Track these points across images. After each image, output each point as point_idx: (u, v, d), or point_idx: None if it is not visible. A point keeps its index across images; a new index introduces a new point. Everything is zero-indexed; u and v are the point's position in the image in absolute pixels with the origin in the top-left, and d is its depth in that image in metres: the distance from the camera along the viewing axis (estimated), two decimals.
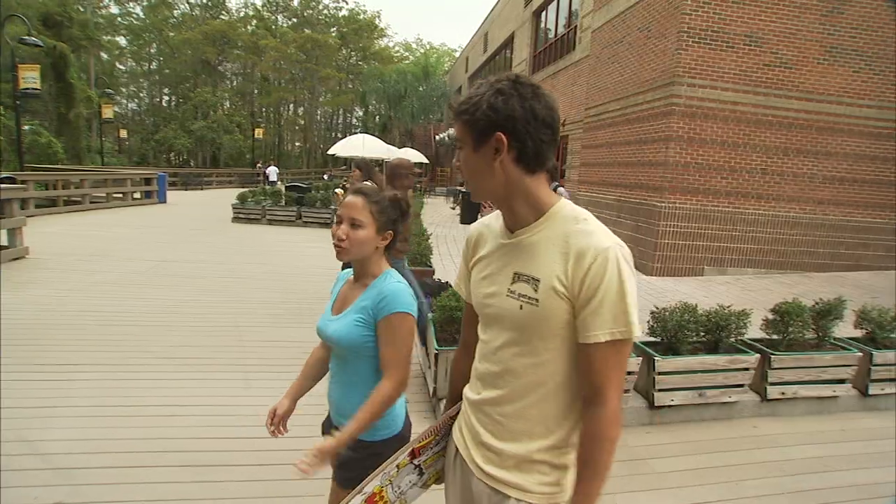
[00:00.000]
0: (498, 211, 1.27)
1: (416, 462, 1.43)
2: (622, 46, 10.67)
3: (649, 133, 9.37)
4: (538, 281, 1.13)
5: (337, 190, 5.82)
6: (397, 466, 1.39)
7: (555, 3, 17.24)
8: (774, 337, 3.95)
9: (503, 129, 1.10)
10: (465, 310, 1.43)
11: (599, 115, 11.71)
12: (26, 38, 14.27)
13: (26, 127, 21.12)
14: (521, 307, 1.15)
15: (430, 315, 4.44)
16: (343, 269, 1.77)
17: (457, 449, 1.36)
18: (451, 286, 5.68)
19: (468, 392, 1.33)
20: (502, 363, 1.21)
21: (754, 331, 4.05)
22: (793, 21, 8.59)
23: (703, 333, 3.73)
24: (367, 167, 5.48)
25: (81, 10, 37.15)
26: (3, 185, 8.65)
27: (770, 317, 3.96)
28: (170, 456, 2.91)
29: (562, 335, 1.13)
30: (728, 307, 3.79)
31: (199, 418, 3.33)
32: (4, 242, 7.54)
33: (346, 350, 1.62)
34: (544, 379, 1.17)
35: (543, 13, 18.59)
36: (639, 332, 1.10)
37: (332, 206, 13.07)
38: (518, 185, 1.15)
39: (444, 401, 1.53)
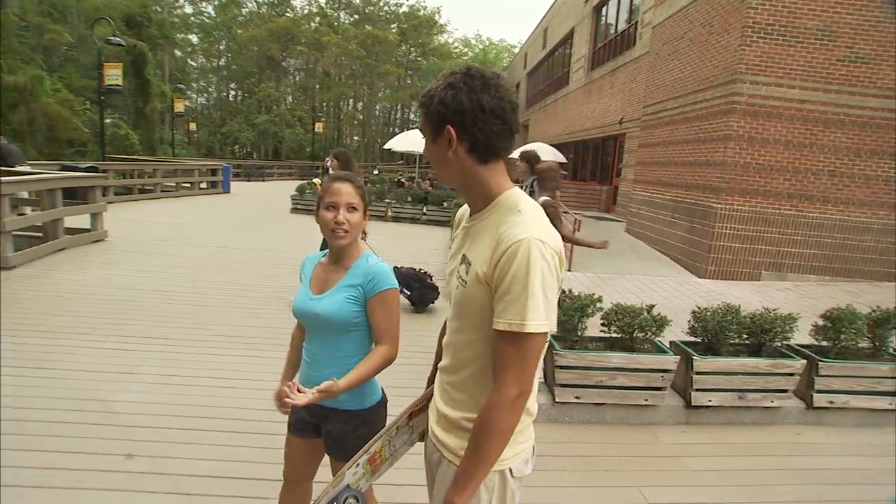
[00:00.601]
0: None
1: (410, 423, 1.57)
2: (683, 42, 10.37)
3: (708, 132, 9.09)
4: (470, 264, 1.20)
5: (315, 180, 6.09)
6: (397, 428, 1.54)
7: None
8: (824, 343, 3.83)
9: (452, 123, 1.15)
10: None
11: (657, 113, 11.43)
12: (112, 38, 15.39)
13: (108, 120, 22.71)
14: (457, 287, 1.25)
15: None
16: (322, 248, 1.85)
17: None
18: (428, 278, 5.81)
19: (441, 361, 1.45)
20: (449, 336, 1.33)
21: (805, 338, 3.94)
22: (872, 13, 8.09)
23: (745, 336, 3.66)
24: (345, 156, 5.68)
25: (159, 10, 39.45)
26: (87, 174, 9.42)
27: (820, 323, 3.84)
28: (223, 422, 3.18)
29: (487, 319, 1.16)
30: (774, 310, 3.70)
31: (252, 391, 3.59)
32: (87, 226, 8.22)
33: (334, 326, 1.69)
34: (474, 357, 1.24)
35: (604, 8, 18.23)
36: (540, 330, 1.09)
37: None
38: (472, 174, 1.21)
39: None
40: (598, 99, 17.66)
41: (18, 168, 9.58)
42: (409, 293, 5.63)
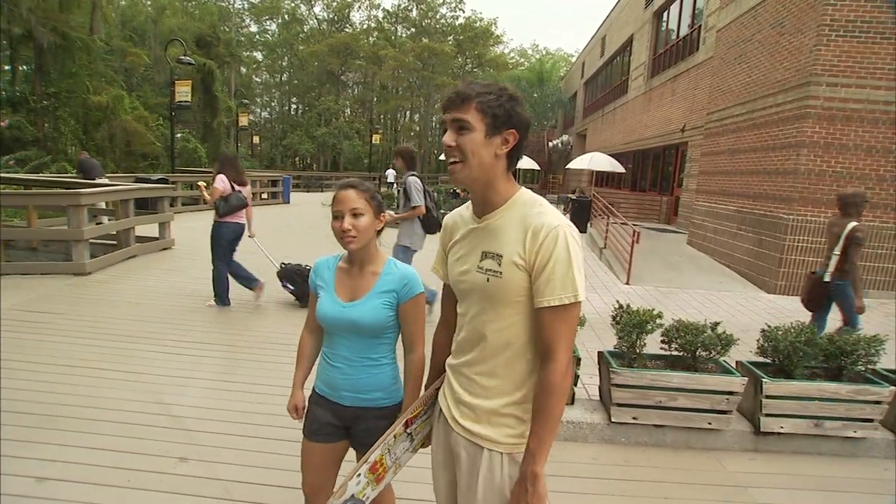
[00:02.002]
0: (469, 203, 1.47)
1: (408, 430, 1.62)
2: (751, 45, 9.87)
3: (778, 139, 8.57)
4: (501, 256, 1.32)
5: (199, 183, 6.12)
6: (394, 437, 1.58)
7: (677, 2, 16.33)
8: None
9: (517, 129, 1.31)
10: (445, 289, 1.60)
11: (722, 119, 10.91)
12: (182, 57, 16.32)
13: (178, 135, 24.08)
14: (487, 279, 1.33)
15: None
16: (338, 251, 1.83)
17: (441, 411, 1.53)
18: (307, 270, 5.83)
19: (450, 360, 1.51)
20: (476, 330, 1.39)
21: (892, 362, 3.59)
22: None
23: (822, 358, 3.36)
24: (223, 159, 5.75)
25: (227, 30, 41.64)
26: (156, 185, 9.96)
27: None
28: (274, 430, 3.21)
29: (522, 301, 1.32)
30: (857, 331, 3.38)
31: None
32: (156, 235, 8.68)
33: (370, 332, 1.73)
34: (510, 340, 1.35)
35: (665, 14, 17.69)
36: (583, 298, 1.28)
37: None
38: (500, 176, 1.35)
39: (427, 373, 1.73)
40: (659, 107, 17.09)
41: (98, 181, 10.28)
42: (292, 288, 5.88)
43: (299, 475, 2.76)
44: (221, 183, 5.45)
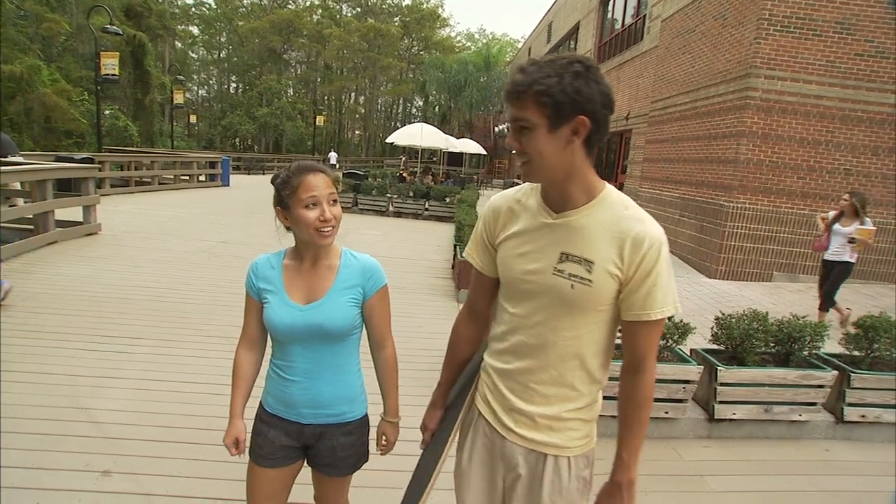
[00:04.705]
0: (525, 188, 1.33)
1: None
2: (694, 36, 10.09)
3: (720, 128, 8.83)
4: (592, 263, 1.20)
5: None
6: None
7: None
8: (856, 353, 3.59)
9: (585, 112, 1.11)
10: (477, 278, 1.45)
11: (666, 108, 11.16)
12: (108, 27, 15.10)
13: (107, 111, 22.43)
14: (572, 286, 1.21)
15: None
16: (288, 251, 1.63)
17: (479, 414, 1.43)
18: None
19: (495, 362, 1.38)
20: (541, 336, 1.28)
21: (831, 345, 3.71)
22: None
23: (772, 344, 3.42)
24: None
25: (159, 0, 39.04)
26: (78, 165, 9.16)
27: (852, 331, 3.60)
28: (213, 434, 2.92)
29: (605, 310, 1.24)
30: (804, 317, 3.46)
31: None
32: (80, 219, 7.97)
33: (335, 335, 1.53)
34: (581, 349, 1.27)
35: (611, 2, 17.91)
36: (681, 309, 1.25)
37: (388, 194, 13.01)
38: (580, 167, 1.19)
39: (443, 363, 1.57)
40: None
41: (11, 159, 9.33)
42: None
43: (241, 484, 2.54)
44: None
